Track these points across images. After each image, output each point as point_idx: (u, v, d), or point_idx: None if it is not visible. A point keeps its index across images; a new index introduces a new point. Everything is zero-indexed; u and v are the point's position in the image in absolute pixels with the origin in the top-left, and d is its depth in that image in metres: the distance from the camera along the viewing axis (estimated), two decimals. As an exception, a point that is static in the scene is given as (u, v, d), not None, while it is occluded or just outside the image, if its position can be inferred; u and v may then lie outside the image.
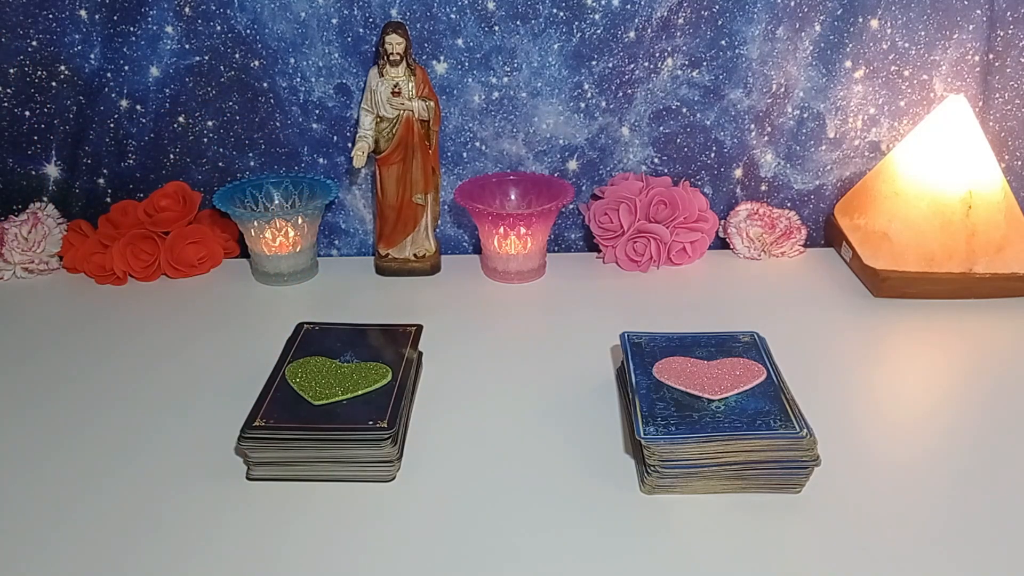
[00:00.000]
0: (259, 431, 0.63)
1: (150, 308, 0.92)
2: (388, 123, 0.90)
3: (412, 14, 0.93)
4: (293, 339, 0.75)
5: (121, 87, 0.96)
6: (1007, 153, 1.02)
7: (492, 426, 0.71)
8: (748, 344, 0.72)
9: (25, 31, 0.93)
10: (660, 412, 0.63)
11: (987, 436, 0.69)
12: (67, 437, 0.70)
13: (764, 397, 0.65)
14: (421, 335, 0.76)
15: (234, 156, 1.01)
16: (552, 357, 0.81)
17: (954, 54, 0.97)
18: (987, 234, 0.89)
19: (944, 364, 0.81)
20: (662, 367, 0.68)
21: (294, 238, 0.95)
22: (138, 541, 0.59)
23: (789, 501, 0.62)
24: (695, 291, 0.95)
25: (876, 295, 0.92)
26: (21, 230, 0.97)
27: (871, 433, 0.70)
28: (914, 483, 0.64)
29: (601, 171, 1.03)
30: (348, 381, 0.68)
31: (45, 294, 0.95)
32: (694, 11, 0.94)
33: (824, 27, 0.96)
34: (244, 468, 0.65)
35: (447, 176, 1.02)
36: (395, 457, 0.65)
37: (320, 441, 0.63)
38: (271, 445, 0.63)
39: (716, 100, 0.99)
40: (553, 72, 0.96)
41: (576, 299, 0.93)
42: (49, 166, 1.01)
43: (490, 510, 0.61)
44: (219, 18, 0.93)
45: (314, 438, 0.63)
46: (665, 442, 0.61)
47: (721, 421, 0.62)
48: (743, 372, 0.67)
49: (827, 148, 1.02)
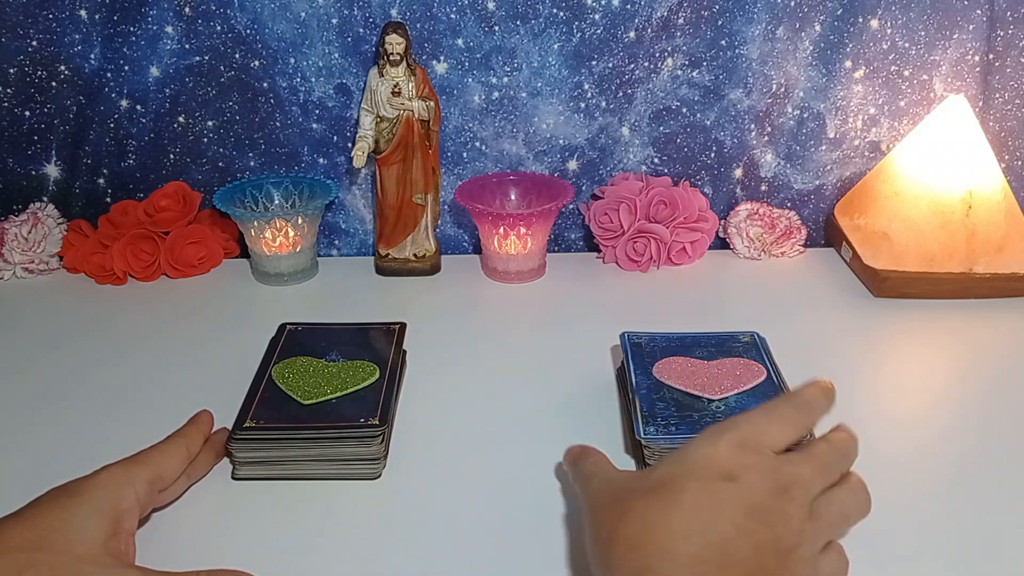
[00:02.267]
0: (250, 432, 0.63)
1: (150, 308, 0.92)
2: (388, 123, 0.90)
3: (412, 14, 0.93)
4: (276, 340, 0.75)
5: (121, 87, 0.96)
6: (1007, 153, 1.02)
7: (489, 426, 0.71)
8: (748, 344, 0.72)
9: (25, 31, 0.93)
10: (660, 412, 0.63)
11: (987, 436, 0.69)
12: (67, 437, 0.70)
13: (764, 397, 0.65)
14: (405, 332, 0.77)
15: (234, 156, 1.01)
16: (552, 357, 0.81)
17: (954, 54, 0.97)
18: (987, 234, 0.89)
19: (944, 364, 0.81)
20: (662, 367, 0.69)
21: (294, 238, 0.95)
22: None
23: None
24: (695, 291, 0.95)
25: (876, 295, 0.92)
26: (21, 230, 0.97)
27: (871, 433, 0.69)
28: (914, 482, 0.64)
29: (601, 171, 1.03)
30: (336, 380, 0.68)
31: (45, 294, 0.95)
32: (694, 11, 0.94)
33: (824, 27, 0.96)
34: (230, 468, 0.66)
35: (447, 176, 1.02)
36: (382, 455, 0.65)
37: (311, 440, 0.63)
38: (262, 445, 0.63)
39: (716, 100, 0.99)
40: (553, 72, 0.96)
41: (576, 299, 0.93)
42: (49, 166, 1.01)
43: (484, 510, 0.62)
44: (219, 18, 0.93)
45: (305, 437, 0.63)
46: (665, 442, 0.61)
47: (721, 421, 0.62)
48: (743, 372, 0.68)
49: (827, 148, 1.02)
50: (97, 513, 0.52)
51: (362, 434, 0.63)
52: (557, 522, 0.60)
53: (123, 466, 0.57)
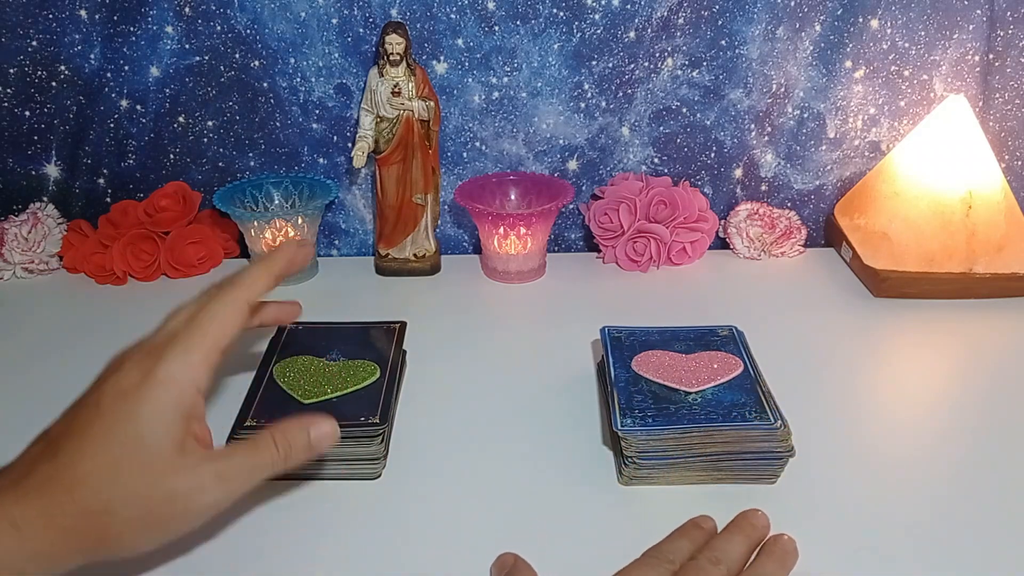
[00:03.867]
0: (251, 431, 0.63)
1: (150, 308, 0.90)
2: (388, 123, 0.90)
3: (412, 14, 0.93)
4: (277, 339, 0.75)
5: (121, 87, 0.96)
6: (1007, 153, 1.02)
7: (489, 426, 0.71)
8: (726, 338, 0.73)
9: (25, 31, 0.93)
10: (638, 404, 0.64)
11: (986, 436, 0.69)
12: (67, 437, 0.70)
13: (740, 389, 0.65)
14: (406, 331, 0.77)
15: (234, 156, 1.01)
16: (551, 357, 0.81)
17: (954, 54, 0.97)
18: (987, 234, 0.89)
19: (944, 364, 0.81)
20: (641, 360, 0.69)
21: (294, 238, 0.95)
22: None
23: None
24: (695, 291, 0.95)
25: (876, 295, 0.92)
26: (21, 230, 0.97)
27: (871, 432, 0.70)
28: (914, 482, 0.64)
29: (601, 171, 1.03)
30: (337, 379, 0.68)
31: (45, 294, 0.95)
32: (694, 11, 0.94)
33: (824, 27, 0.96)
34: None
35: (447, 176, 1.02)
36: (382, 454, 0.65)
37: None
38: None
39: (716, 100, 0.99)
40: (553, 72, 0.96)
41: (576, 299, 0.93)
42: (49, 166, 1.01)
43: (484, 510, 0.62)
44: (219, 18, 0.93)
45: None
46: (642, 433, 0.61)
47: (697, 413, 0.63)
48: (720, 365, 0.68)
49: (827, 148, 1.02)
50: (163, 423, 0.49)
51: (362, 433, 0.63)
52: (557, 522, 0.60)
53: (181, 350, 0.52)
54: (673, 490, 0.63)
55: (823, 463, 0.65)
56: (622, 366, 0.69)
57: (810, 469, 0.64)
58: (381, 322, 0.78)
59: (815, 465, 0.65)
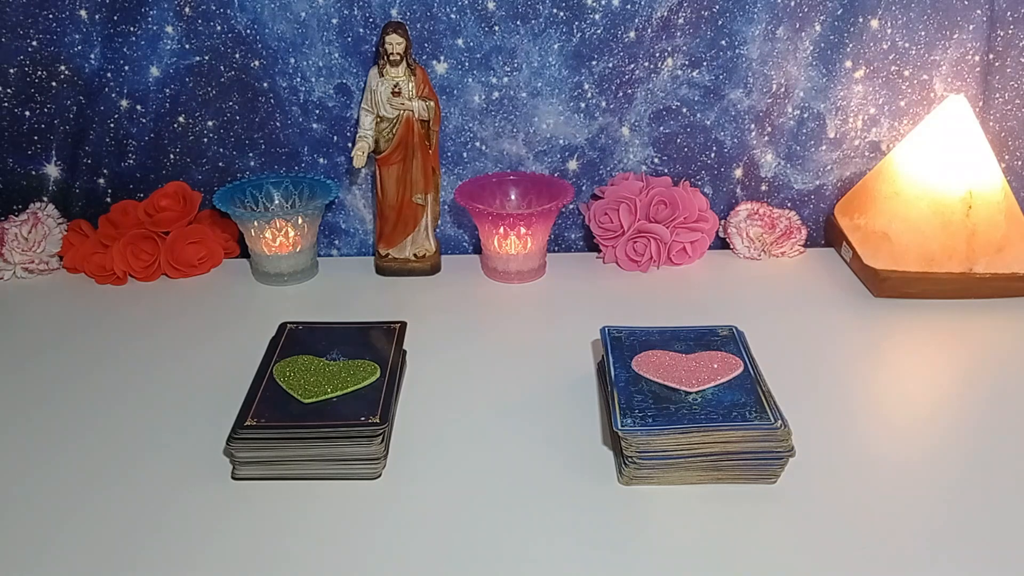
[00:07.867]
0: (251, 430, 0.63)
1: (150, 308, 0.92)
2: (388, 123, 0.90)
3: (412, 14, 0.93)
4: (277, 339, 0.75)
5: (121, 87, 0.96)
6: (1007, 153, 1.02)
7: (489, 425, 0.71)
8: (726, 338, 0.73)
9: (25, 31, 0.93)
10: (638, 404, 0.64)
11: (987, 436, 0.69)
12: (66, 437, 0.70)
13: (740, 389, 0.65)
14: (406, 331, 0.77)
15: (234, 156, 1.01)
16: (551, 357, 0.81)
17: (954, 54, 0.97)
18: (987, 234, 0.89)
19: (944, 364, 0.81)
20: (641, 360, 0.69)
21: (294, 238, 0.95)
22: (132, 541, 0.59)
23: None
24: (695, 291, 0.95)
25: (876, 295, 0.92)
26: (21, 230, 0.97)
27: (871, 432, 0.70)
28: (914, 482, 0.64)
29: (601, 171, 1.03)
30: (337, 379, 0.68)
31: (45, 294, 0.95)
32: (694, 11, 0.94)
33: (824, 27, 0.96)
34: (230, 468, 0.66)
35: (447, 176, 1.02)
36: (382, 454, 0.65)
37: (312, 439, 0.63)
38: (263, 444, 0.63)
39: (716, 100, 0.99)
40: (553, 72, 0.96)
41: (576, 299, 0.93)
42: (49, 166, 1.01)
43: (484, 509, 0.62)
44: (219, 18, 0.93)
45: (306, 436, 0.63)
46: (642, 433, 0.61)
47: (697, 413, 0.63)
48: (720, 365, 0.68)
49: (827, 148, 1.02)
50: None
51: (362, 433, 0.63)
52: (557, 521, 0.60)
53: None
54: (673, 490, 0.63)
55: (823, 463, 0.65)
56: (622, 366, 0.69)
57: (810, 469, 0.64)
58: (381, 322, 0.78)
59: (815, 465, 0.65)
